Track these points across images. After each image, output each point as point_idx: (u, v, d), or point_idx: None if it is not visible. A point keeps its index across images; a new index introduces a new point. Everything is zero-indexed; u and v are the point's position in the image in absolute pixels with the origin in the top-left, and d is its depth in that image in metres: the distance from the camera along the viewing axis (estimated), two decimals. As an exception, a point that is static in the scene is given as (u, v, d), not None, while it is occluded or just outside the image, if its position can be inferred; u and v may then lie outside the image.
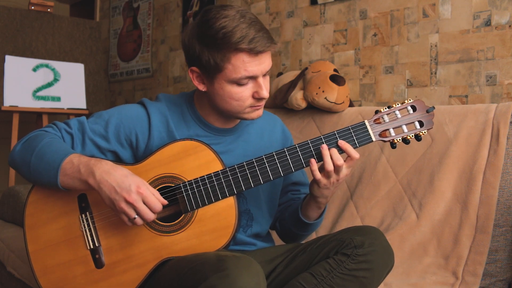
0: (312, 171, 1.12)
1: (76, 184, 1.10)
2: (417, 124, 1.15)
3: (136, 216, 1.06)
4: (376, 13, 2.19)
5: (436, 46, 2.00)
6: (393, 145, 1.15)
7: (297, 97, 2.06)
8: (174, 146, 1.16)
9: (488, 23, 1.85)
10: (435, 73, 2.01)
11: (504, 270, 1.47)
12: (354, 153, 1.12)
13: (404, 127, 1.14)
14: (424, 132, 1.14)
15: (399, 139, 1.14)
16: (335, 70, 2.07)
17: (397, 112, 1.15)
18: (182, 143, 1.16)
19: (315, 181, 1.15)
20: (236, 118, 1.22)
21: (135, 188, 1.04)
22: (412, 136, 1.14)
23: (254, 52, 1.09)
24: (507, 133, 1.56)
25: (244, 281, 0.91)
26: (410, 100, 1.16)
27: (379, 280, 1.11)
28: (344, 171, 1.13)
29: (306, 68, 2.13)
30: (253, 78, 1.13)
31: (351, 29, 2.29)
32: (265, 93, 1.14)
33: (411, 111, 1.15)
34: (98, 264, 1.14)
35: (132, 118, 1.22)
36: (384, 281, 1.44)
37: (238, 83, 1.12)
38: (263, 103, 1.18)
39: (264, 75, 1.15)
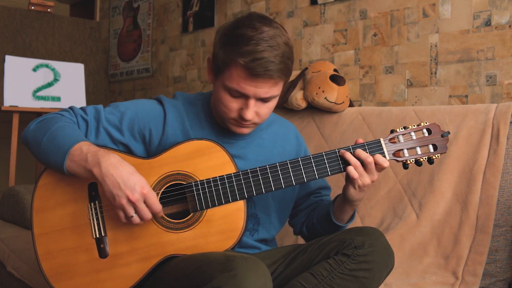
0: (348, 171, 1.12)
1: (81, 172, 1.09)
2: (431, 147, 1.15)
3: (134, 214, 1.06)
4: (376, 13, 2.19)
5: (436, 46, 2.00)
6: (405, 165, 1.15)
7: (297, 97, 2.06)
8: (189, 144, 1.16)
9: (488, 23, 1.85)
10: (435, 73, 2.01)
11: (504, 270, 1.47)
12: (366, 156, 1.12)
13: (418, 149, 1.15)
14: (438, 156, 1.15)
15: (412, 161, 1.15)
16: (335, 70, 2.07)
17: (413, 133, 1.15)
18: (198, 142, 1.16)
19: (351, 183, 1.15)
20: (224, 125, 1.22)
21: (140, 188, 1.04)
22: (425, 159, 1.15)
23: (250, 72, 1.06)
24: (507, 133, 1.56)
25: (252, 281, 0.91)
26: (426, 123, 1.16)
27: (379, 280, 1.11)
28: (375, 174, 1.14)
29: (306, 68, 2.13)
30: (245, 96, 1.11)
31: (351, 29, 2.29)
32: (249, 115, 1.12)
33: (426, 134, 1.15)
34: (102, 254, 1.14)
35: (147, 113, 1.22)
36: (384, 281, 1.44)
37: (230, 92, 1.12)
38: (248, 123, 1.16)
39: (261, 100, 1.12)
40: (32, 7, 3.07)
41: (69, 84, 3.04)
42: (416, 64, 2.06)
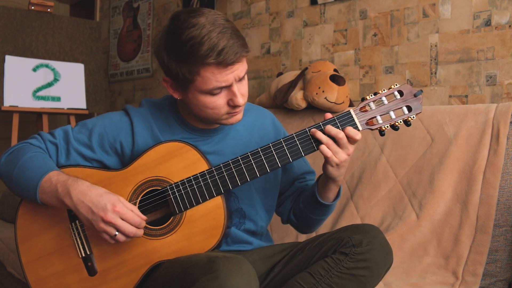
0: (321, 151, 1.09)
1: (55, 203, 1.10)
2: (405, 109, 1.10)
3: (117, 233, 1.05)
4: (376, 13, 2.19)
5: (436, 46, 2.00)
6: (381, 132, 1.11)
7: (297, 97, 2.06)
8: (159, 148, 1.15)
9: (488, 23, 1.85)
10: (435, 73, 2.01)
11: (504, 270, 1.47)
12: (337, 132, 1.09)
13: (392, 113, 1.10)
14: (413, 117, 1.10)
15: (387, 126, 1.11)
16: (335, 70, 2.07)
17: (384, 98, 1.11)
18: (167, 145, 1.15)
19: (327, 161, 1.12)
20: (215, 123, 1.21)
21: (111, 207, 1.04)
22: (400, 122, 1.11)
23: (223, 64, 1.05)
24: (507, 133, 1.56)
25: (234, 282, 0.91)
26: (396, 85, 1.12)
27: (377, 278, 1.11)
28: (350, 148, 1.10)
29: (306, 68, 2.12)
30: (226, 87, 1.10)
31: (351, 29, 2.29)
32: (240, 100, 1.11)
33: (398, 96, 1.11)
34: (91, 271, 1.14)
35: (115, 126, 1.22)
36: (384, 281, 1.44)
37: (211, 93, 1.10)
38: (239, 108, 1.15)
39: (239, 80, 1.12)
40: (32, 7, 3.07)
41: (69, 84, 3.04)
42: (416, 64, 2.06)
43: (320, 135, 1.09)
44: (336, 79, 1.95)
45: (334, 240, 1.12)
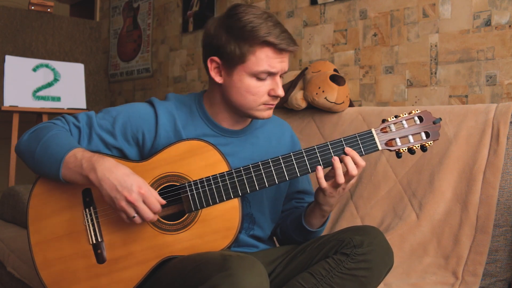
0: (318, 179, 1.12)
1: (78, 179, 1.10)
2: (423, 135, 1.15)
3: (136, 215, 1.06)
4: (376, 13, 2.19)
5: (436, 46, 2.00)
6: (398, 154, 1.15)
7: (297, 97, 2.06)
8: (180, 145, 1.16)
9: (488, 23, 1.85)
10: (435, 73, 2.01)
11: (504, 270, 1.47)
12: (361, 161, 1.11)
13: (411, 137, 1.15)
14: (430, 143, 1.15)
15: (405, 149, 1.15)
16: (335, 70, 2.07)
17: (404, 122, 1.15)
18: (189, 142, 1.16)
19: (320, 189, 1.15)
20: (247, 115, 1.22)
21: (137, 188, 1.05)
22: (418, 146, 1.15)
23: (278, 48, 1.13)
24: (507, 133, 1.56)
25: (248, 281, 0.91)
26: (417, 110, 1.16)
27: (378, 279, 1.11)
28: (352, 180, 1.13)
29: (306, 68, 2.13)
30: (272, 74, 1.16)
31: (351, 29, 2.29)
32: (281, 91, 1.17)
33: (418, 122, 1.15)
34: (100, 259, 1.14)
35: (139, 117, 1.22)
36: (384, 281, 1.44)
37: (258, 77, 1.15)
38: (276, 102, 1.21)
39: (281, 75, 1.19)
40: (32, 7, 3.08)
41: (69, 84, 3.04)
42: (416, 64, 2.06)
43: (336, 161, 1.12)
44: (336, 79, 1.95)
45: (335, 241, 1.12)
